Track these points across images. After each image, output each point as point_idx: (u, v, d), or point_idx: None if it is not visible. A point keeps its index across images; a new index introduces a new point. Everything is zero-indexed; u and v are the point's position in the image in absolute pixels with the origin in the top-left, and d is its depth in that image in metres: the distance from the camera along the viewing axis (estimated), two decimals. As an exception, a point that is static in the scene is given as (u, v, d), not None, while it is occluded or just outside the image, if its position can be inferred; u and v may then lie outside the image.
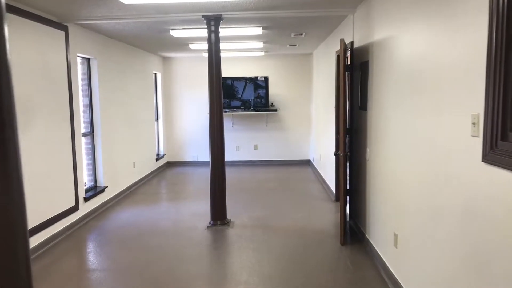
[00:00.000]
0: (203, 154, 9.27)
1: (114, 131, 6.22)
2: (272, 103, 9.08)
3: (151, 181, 7.64)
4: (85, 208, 5.23)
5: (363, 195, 4.27)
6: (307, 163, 9.19)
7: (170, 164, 9.28)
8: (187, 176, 8.16)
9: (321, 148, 7.28)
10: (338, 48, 5.10)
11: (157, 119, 8.90)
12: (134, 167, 7.08)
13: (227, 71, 9.02)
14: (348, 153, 4.74)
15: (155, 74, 8.81)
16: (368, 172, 4.04)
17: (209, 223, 4.92)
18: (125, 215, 5.43)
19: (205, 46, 6.92)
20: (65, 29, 4.73)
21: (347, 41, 4.89)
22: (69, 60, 4.83)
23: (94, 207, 5.48)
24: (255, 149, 9.26)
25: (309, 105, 9.12)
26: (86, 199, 5.24)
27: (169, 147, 9.28)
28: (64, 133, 4.74)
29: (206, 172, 8.52)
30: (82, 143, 5.49)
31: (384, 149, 3.51)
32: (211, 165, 4.95)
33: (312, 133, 8.76)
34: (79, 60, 5.39)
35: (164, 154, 8.99)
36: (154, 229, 4.82)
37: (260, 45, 6.88)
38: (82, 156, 5.27)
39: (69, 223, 4.81)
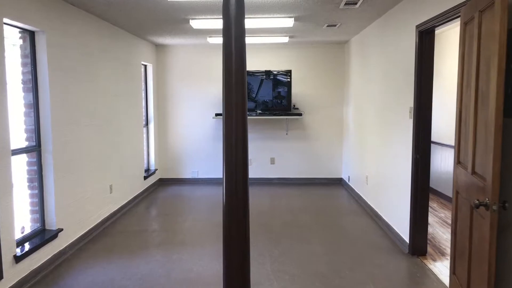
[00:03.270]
0: (206, 169, 7.26)
1: (76, 142, 4.22)
2: (294, 105, 7.09)
3: (135, 209, 5.62)
4: (16, 273, 3.23)
5: (517, 281, 2.26)
6: (339, 182, 7.18)
7: (163, 182, 7.27)
8: (185, 199, 6.16)
9: (370, 166, 5.28)
10: (424, 18, 3.13)
11: (146, 124, 6.89)
12: (110, 192, 5.07)
13: (238, 63, 7.01)
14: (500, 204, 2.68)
15: (145, 66, 6.81)
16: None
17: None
18: (84, 280, 3.42)
19: (210, 24, 4.92)
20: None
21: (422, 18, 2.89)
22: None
23: (34, 267, 3.47)
24: (271, 163, 7.27)
25: (342, 107, 7.12)
26: (18, 258, 3.23)
27: (163, 160, 7.27)
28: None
29: (210, 194, 6.54)
30: (21, 164, 3.49)
31: None
32: (226, 205, 2.93)
33: (347, 143, 6.77)
34: (10, 30, 3.40)
35: (156, 170, 6.98)
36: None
37: (290, 22, 4.90)
38: (10, 187, 3.25)
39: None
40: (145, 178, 6.45)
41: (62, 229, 3.86)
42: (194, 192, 6.64)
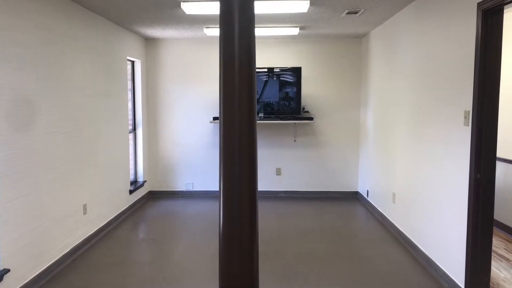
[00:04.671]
0: (202, 180, 6.34)
1: (31, 155, 3.30)
2: (304, 108, 6.17)
3: (117, 231, 4.70)
4: None
5: None
6: (354, 197, 6.26)
7: (153, 196, 6.34)
8: (177, 218, 5.23)
9: (399, 181, 4.36)
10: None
11: (133, 129, 5.97)
12: (84, 213, 4.15)
13: (239, 59, 6.11)
14: None
15: (132, 62, 5.90)
16: None
17: None
18: None
19: (206, 8, 3.99)
20: None
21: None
22: None
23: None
24: (277, 174, 6.35)
25: (359, 111, 6.21)
26: None
27: (153, 170, 6.35)
28: None
29: (206, 210, 5.56)
30: None
31: None
32: (223, 240, 1.98)
33: (365, 152, 5.85)
34: None
35: (144, 182, 6.06)
36: None
37: (305, 6, 4.00)
38: None
39: None
40: (131, 192, 5.53)
41: (9, 270, 2.94)
42: (188, 208, 5.71)
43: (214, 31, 5.33)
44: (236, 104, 1.76)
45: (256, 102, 1.83)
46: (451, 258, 3.16)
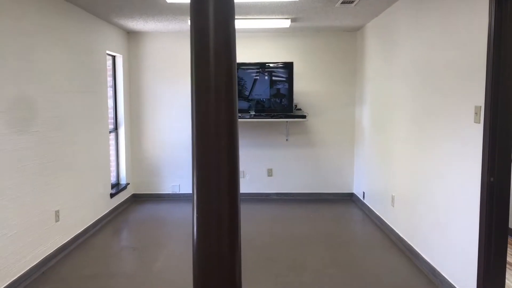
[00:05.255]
0: (189, 182, 6.00)
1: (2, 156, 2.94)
2: (296, 105, 5.86)
3: (94, 239, 4.34)
4: None
5: None
6: (350, 198, 5.96)
7: (137, 199, 5.98)
8: (161, 223, 4.88)
9: (399, 183, 4.06)
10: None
11: (115, 129, 5.61)
12: (56, 220, 3.79)
13: (228, 54, 5.77)
14: None
15: (113, 57, 5.53)
16: None
17: None
18: None
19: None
20: None
21: None
22: None
23: None
24: (268, 175, 6.02)
25: (354, 108, 5.91)
26: None
27: (136, 172, 5.99)
28: None
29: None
30: None
31: None
32: (198, 259, 1.63)
33: (360, 152, 5.55)
34: None
35: (127, 184, 5.69)
36: None
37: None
38: None
39: None
40: (113, 195, 5.17)
41: (-39, 290, 2.58)
42: (173, 212, 5.37)
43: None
44: (211, 109, 1.45)
45: (237, 102, 1.50)
46: (460, 270, 2.87)
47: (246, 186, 6.00)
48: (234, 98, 1.47)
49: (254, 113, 5.58)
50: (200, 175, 1.52)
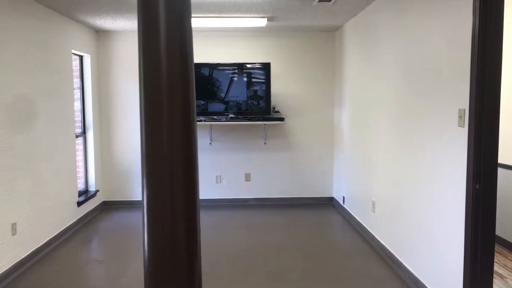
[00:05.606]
0: (163, 188, 5.71)
1: None
2: (274, 107, 5.67)
3: (58, 252, 4.03)
4: None
5: None
6: (329, 203, 5.81)
7: (107, 207, 5.68)
8: (131, 233, 4.61)
9: (380, 189, 3.92)
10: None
11: (83, 132, 5.30)
12: (13, 233, 3.49)
13: (201, 54, 5.59)
14: None
15: (81, 57, 5.22)
16: None
17: None
18: None
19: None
20: None
21: None
22: None
23: None
24: (246, 180, 5.82)
25: (333, 110, 5.76)
26: None
27: (107, 178, 5.68)
28: None
29: None
30: None
31: None
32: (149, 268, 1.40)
33: (340, 155, 5.40)
34: None
35: (97, 191, 5.39)
36: None
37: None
38: None
39: None
40: (80, 203, 4.87)
41: None
42: (146, 220, 5.09)
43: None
44: (164, 117, 1.23)
45: (194, 107, 1.29)
46: (445, 281, 2.72)
47: (223, 191, 5.78)
48: (191, 103, 1.26)
49: (230, 115, 5.37)
50: (150, 191, 1.31)
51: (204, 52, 5.56)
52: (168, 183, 1.30)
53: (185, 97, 1.24)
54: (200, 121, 5.38)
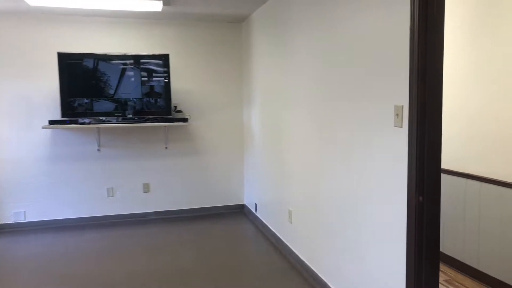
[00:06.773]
0: (38, 207, 4.68)
1: None
2: (176, 107, 4.96)
3: None
4: None
5: None
6: (241, 211, 5.29)
7: (-39, 235, 4.41)
8: (-10, 273, 3.52)
9: (297, 197, 3.47)
10: None
11: None
12: None
13: (84, 42, 4.65)
14: None
15: None
16: None
17: None
18: None
19: None
20: None
21: None
22: None
23: None
24: (145, 191, 5.00)
25: (242, 109, 5.24)
26: None
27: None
28: None
29: (42, 250, 3.49)
30: None
31: None
32: None
33: (251, 159, 4.90)
34: None
35: None
36: None
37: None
38: None
39: None
40: None
41: None
42: (15, 250, 4.01)
43: (42, 0, 3.76)
44: None
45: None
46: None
47: (116, 206, 4.89)
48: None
49: (122, 116, 4.51)
50: None
51: (87, 41, 4.62)
52: None
53: None
54: (84, 123, 4.43)
